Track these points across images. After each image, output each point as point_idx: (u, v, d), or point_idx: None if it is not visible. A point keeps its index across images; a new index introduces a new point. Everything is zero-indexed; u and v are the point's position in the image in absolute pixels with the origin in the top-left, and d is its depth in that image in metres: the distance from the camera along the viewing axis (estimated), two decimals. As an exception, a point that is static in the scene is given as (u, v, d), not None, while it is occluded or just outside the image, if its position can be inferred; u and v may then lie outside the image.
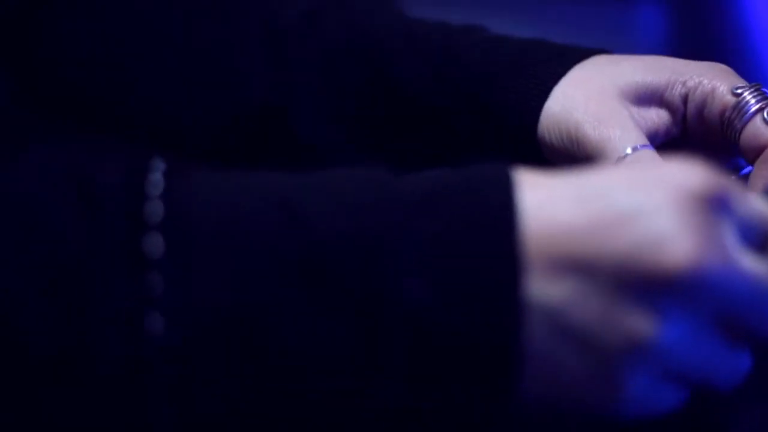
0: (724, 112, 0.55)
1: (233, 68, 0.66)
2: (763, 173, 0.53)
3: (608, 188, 0.39)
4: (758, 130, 0.54)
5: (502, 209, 0.38)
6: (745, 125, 0.54)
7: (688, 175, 0.39)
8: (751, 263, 0.39)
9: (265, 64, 0.65)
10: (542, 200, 0.39)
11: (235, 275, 0.37)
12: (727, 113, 0.55)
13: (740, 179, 0.57)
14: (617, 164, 0.54)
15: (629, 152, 0.54)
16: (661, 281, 0.37)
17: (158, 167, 0.39)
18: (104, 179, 0.39)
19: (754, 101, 0.54)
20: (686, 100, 0.56)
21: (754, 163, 0.54)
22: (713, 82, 0.55)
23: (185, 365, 0.37)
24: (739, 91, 0.55)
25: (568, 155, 0.56)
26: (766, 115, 0.54)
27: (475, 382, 0.38)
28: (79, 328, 0.37)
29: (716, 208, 0.39)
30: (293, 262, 0.38)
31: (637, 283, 0.38)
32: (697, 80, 0.56)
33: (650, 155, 0.54)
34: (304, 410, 0.39)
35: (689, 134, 0.57)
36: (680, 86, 0.56)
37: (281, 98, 0.65)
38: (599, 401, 0.39)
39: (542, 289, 0.38)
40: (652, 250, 0.37)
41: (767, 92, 0.55)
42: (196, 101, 0.67)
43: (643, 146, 0.54)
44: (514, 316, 0.37)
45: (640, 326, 0.38)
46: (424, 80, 0.62)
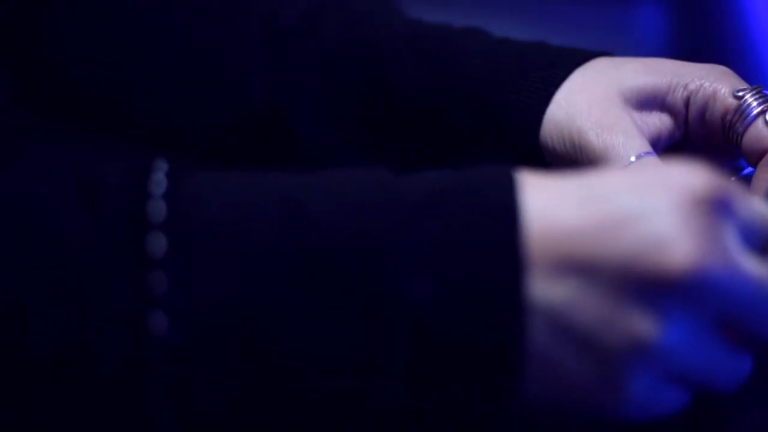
0: (725, 115, 0.55)
1: (233, 68, 0.66)
2: (765, 176, 0.53)
3: (611, 190, 0.39)
4: (760, 133, 0.54)
5: (504, 210, 0.38)
6: (747, 128, 0.54)
7: (690, 177, 0.39)
8: (752, 266, 0.39)
9: (265, 64, 0.65)
10: (545, 201, 0.39)
11: (237, 275, 0.37)
12: (728, 116, 0.55)
13: (741, 180, 0.57)
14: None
15: (633, 160, 0.54)
16: (663, 283, 0.37)
17: (161, 167, 0.39)
18: (107, 179, 0.39)
19: (755, 104, 0.54)
20: (688, 103, 0.56)
21: (756, 165, 0.54)
22: (714, 84, 0.55)
23: (186, 365, 0.37)
24: (740, 93, 0.54)
25: (570, 160, 0.56)
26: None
27: (475, 382, 0.38)
28: (79, 327, 0.37)
29: (718, 210, 0.39)
30: (295, 261, 0.38)
31: (639, 284, 0.38)
32: (698, 83, 0.56)
33: (654, 162, 0.54)
34: (304, 410, 0.39)
35: (691, 137, 0.57)
36: (682, 89, 0.56)
37: (281, 98, 0.65)
38: (601, 402, 0.39)
39: (544, 290, 0.38)
40: (654, 252, 0.37)
41: None
42: (196, 101, 0.67)
43: (646, 153, 0.54)
44: (515, 316, 0.37)
45: (641, 328, 0.38)
46: (423, 83, 0.61)
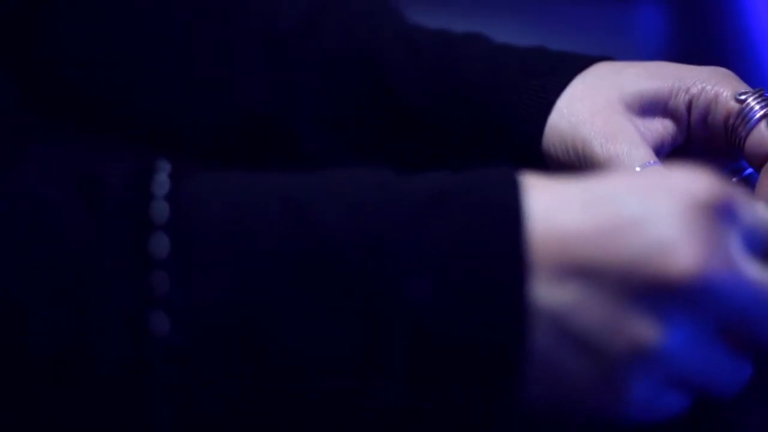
0: (728, 118, 0.55)
1: (233, 69, 0.66)
2: None
3: (615, 194, 0.39)
4: (763, 136, 0.53)
5: (507, 211, 0.38)
6: (749, 132, 0.54)
7: (694, 182, 0.39)
8: (755, 271, 0.39)
9: (265, 64, 0.65)
10: (548, 204, 0.39)
11: (238, 275, 0.37)
12: (731, 120, 0.54)
13: (742, 181, 0.57)
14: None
15: (638, 170, 0.54)
16: (665, 288, 0.37)
17: (164, 168, 0.39)
18: (109, 179, 0.39)
19: (758, 107, 0.54)
20: (690, 107, 0.56)
21: (759, 169, 0.54)
22: (716, 88, 0.55)
23: (187, 365, 0.37)
24: (742, 97, 0.54)
25: (573, 167, 0.56)
26: None
27: (475, 382, 0.38)
28: (80, 327, 0.37)
29: (722, 216, 0.39)
30: (295, 261, 0.38)
31: (641, 289, 0.38)
32: (700, 86, 0.55)
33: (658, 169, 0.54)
34: (304, 410, 0.39)
35: (693, 140, 0.57)
36: (684, 94, 0.56)
37: (281, 99, 0.65)
38: (602, 405, 0.39)
39: (546, 292, 0.38)
40: (657, 256, 0.37)
41: None
42: (196, 101, 0.67)
43: (651, 163, 0.54)
44: (516, 316, 0.37)
45: (643, 332, 0.38)
46: (423, 87, 0.61)
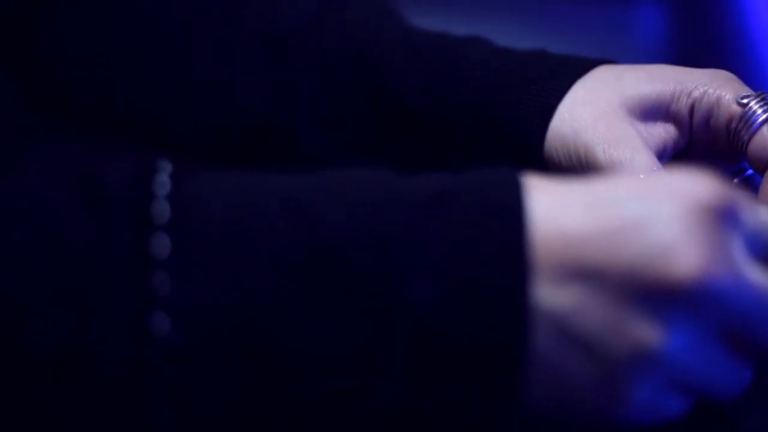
0: (730, 122, 0.54)
1: (233, 69, 0.66)
2: None
3: (617, 197, 0.39)
4: (766, 141, 0.53)
5: (510, 212, 0.38)
6: (752, 136, 0.54)
7: (697, 185, 0.39)
8: (757, 275, 0.39)
9: (265, 65, 0.65)
10: (551, 206, 0.39)
11: (241, 276, 0.37)
12: (733, 124, 0.54)
13: (743, 182, 0.57)
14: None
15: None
16: (667, 291, 0.37)
17: (165, 168, 0.39)
18: (111, 180, 0.39)
19: (761, 111, 0.53)
20: (692, 111, 0.56)
21: (762, 172, 0.53)
22: (718, 91, 0.55)
23: (187, 365, 0.37)
24: (744, 101, 0.54)
25: (574, 170, 0.56)
26: None
27: (476, 382, 0.38)
28: (80, 327, 0.37)
29: (725, 219, 0.39)
30: (296, 261, 0.38)
31: (643, 292, 0.38)
32: (702, 90, 0.55)
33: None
34: (305, 410, 0.39)
35: (695, 143, 0.57)
36: (686, 97, 0.55)
37: (281, 100, 0.65)
38: (603, 407, 0.39)
39: (548, 294, 0.38)
40: (659, 260, 0.37)
41: None
42: (195, 101, 0.67)
43: (654, 170, 0.54)
44: (518, 318, 0.37)
45: (645, 335, 0.38)
46: (423, 91, 0.61)
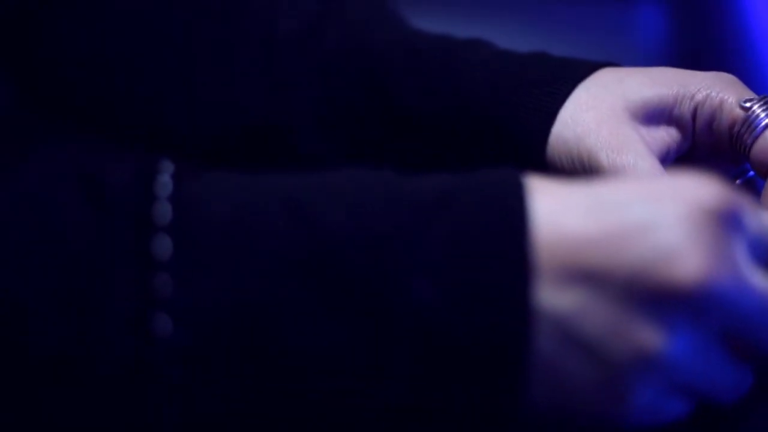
0: (733, 125, 0.54)
1: (233, 70, 0.66)
2: None
3: (621, 200, 0.39)
4: None
5: (512, 213, 0.38)
6: (755, 140, 0.53)
7: (701, 189, 0.39)
8: (759, 280, 0.39)
9: (264, 65, 0.65)
10: (554, 208, 0.39)
11: (242, 277, 0.37)
12: (736, 128, 0.54)
13: (746, 183, 0.56)
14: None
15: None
16: (670, 295, 0.37)
17: (166, 169, 0.39)
18: (112, 181, 0.39)
19: (764, 115, 0.53)
20: (695, 114, 0.55)
21: (765, 176, 0.53)
22: (721, 94, 0.55)
23: (188, 366, 0.37)
24: (747, 104, 0.54)
25: (577, 174, 0.56)
26: None
27: (477, 383, 0.38)
28: (82, 328, 0.37)
29: (728, 223, 0.39)
30: (297, 262, 0.38)
31: (646, 295, 0.38)
32: (704, 93, 0.55)
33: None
34: (306, 410, 0.39)
35: (698, 146, 0.57)
36: (688, 101, 0.55)
37: (281, 100, 0.65)
38: (605, 409, 0.39)
39: (551, 296, 0.38)
40: (662, 263, 0.37)
41: None
42: (195, 102, 0.67)
43: (657, 174, 0.54)
44: (520, 320, 0.37)
45: (648, 338, 0.38)
46: (423, 94, 0.61)
